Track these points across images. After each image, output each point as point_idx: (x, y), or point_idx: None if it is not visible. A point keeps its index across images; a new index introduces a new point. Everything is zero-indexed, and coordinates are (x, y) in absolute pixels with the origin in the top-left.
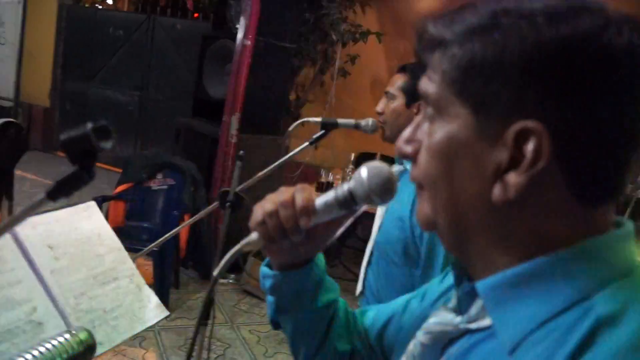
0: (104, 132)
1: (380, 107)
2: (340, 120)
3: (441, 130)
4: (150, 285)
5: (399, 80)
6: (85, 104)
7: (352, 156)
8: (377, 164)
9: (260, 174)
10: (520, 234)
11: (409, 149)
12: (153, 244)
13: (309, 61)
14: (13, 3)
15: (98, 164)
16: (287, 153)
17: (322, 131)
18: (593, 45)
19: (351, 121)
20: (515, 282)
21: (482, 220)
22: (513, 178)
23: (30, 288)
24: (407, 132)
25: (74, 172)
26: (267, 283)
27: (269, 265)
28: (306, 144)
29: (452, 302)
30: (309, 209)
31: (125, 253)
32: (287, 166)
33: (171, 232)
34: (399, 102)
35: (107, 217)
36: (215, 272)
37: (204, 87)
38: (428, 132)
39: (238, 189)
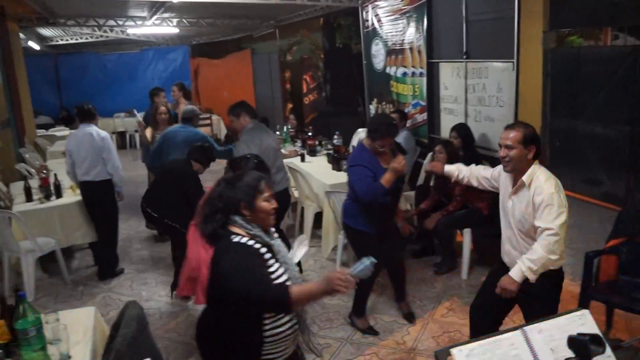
0: (599, 342)
1: None
2: None
3: None
4: None
5: None
6: (574, 140)
7: None
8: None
9: None
10: None
11: None
12: None
13: None
14: (508, 70)
15: (588, 199)
16: None
17: None
18: None
19: None
20: None
21: None
22: None
23: None
24: None
25: None
26: None
27: None
28: None
29: None
30: None
31: None
32: None
33: None
34: None
35: (598, 271)
36: None
37: None
38: None
39: None
